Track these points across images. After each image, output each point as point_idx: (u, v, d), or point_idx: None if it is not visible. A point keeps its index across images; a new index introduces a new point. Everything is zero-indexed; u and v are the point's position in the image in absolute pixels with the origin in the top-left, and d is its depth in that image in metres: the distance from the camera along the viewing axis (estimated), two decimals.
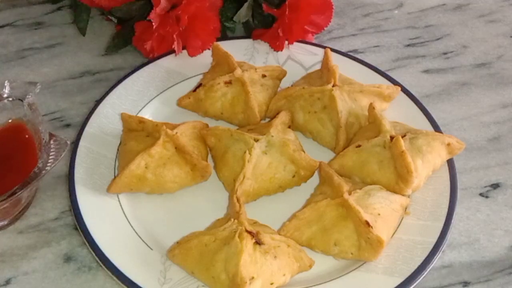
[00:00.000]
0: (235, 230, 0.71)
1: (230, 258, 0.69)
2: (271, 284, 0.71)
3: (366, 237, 0.73)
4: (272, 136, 0.82)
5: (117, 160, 0.85)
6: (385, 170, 0.80)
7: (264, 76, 0.92)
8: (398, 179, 0.78)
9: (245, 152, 0.80)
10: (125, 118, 0.85)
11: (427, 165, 0.80)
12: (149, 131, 0.83)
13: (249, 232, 0.70)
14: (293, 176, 0.82)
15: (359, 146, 0.81)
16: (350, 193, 0.75)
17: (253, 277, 0.68)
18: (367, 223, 0.72)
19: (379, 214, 0.74)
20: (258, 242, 0.70)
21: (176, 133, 0.82)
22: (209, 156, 0.87)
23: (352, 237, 0.74)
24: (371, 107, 0.85)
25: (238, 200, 0.76)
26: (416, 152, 0.79)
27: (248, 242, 0.69)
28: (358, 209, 0.73)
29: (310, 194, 0.82)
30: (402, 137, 0.79)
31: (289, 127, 0.87)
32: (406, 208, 0.79)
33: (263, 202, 0.82)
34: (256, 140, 0.81)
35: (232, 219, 0.73)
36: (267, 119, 0.91)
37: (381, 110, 0.88)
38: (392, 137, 0.79)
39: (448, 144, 0.82)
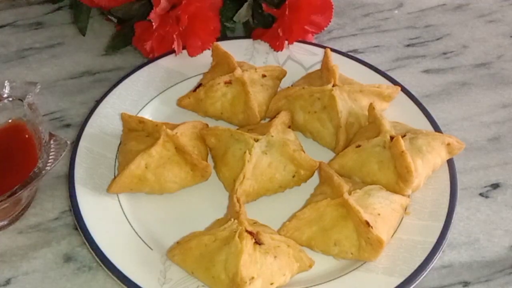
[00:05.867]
0: (235, 230, 0.71)
1: (230, 258, 0.69)
2: (271, 284, 0.71)
3: (366, 237, 0.73)
4: (272, 136, 0.81)
5: (117, 160, 0.85)
6: (385, 170, 0.80)
7: (264, 76, 0.92)
8: (398, 179, 0.78)
9: (245, 152, 0.80)
10: (125, 118, 0.85)
11: (427, 165, 0.80)
12: (149, 131, 0.83)
13: (249, 232, 0.70)
14: (293, 176, 0.82)
15: (359, 146, 0.81)
16: (350, 193, 0.75)
17: (253, 277, 0.68)
18: (367, 223, 0.72)
19: (379, 214, 0.74)
20: (258, 242, 0.70)
21: (176, 133, 0.82)
22: (209, 156, 0.87)
23: (352, 237, 0.74)
24: (371, 107, 0.85)
25: (238, 200, 0.76)
26: (416, 152, 0.79)
27: (248, 242, 0.69)
28: (358, 209, 0.73)
29: (310, 194, 0.82)
30: (402, 137, 0.79)
31: (289, 127, 0.87)
32: (406, 208, 0.79)
33: (263, 202, 0.82)
34: (256, 140, 0.81)
35: (232, 219, 0.73)
36: (267, 119, 0.91)
37: (381, 110, 0.88)
38: (392, 137, 0.79)
39: (448, 144, 0.82)
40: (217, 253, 0.70)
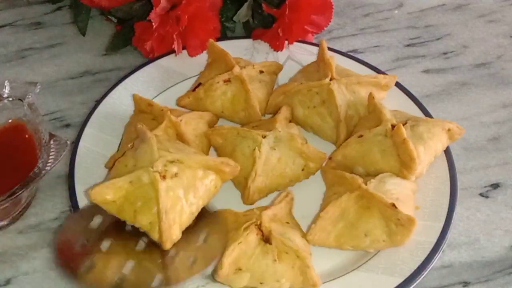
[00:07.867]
0: (252, 222, 0.71)
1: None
2: (261, 283, 0.70)
3: (396, 219, 0.72)
4: (279, 131, 0.81)
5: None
6: (388, 159, 0.80)
7: (261, 72, 0.92)
8: (401, 166, 0.78)
9: (254, 149, 0.79)
10: (136, 99, 0.87)
11: (429, 151, 0.80)
12: (155, 115, 0.85)
13: (258, 227, 0.71)
14: (302, 170, 0.82)
15: (361, 136, 0.81)
16: (365, 184, 0.75)
17: (240, 269, 0.69)
18: (394, 205, 0.72)
19: (397, 199, 0.74)
20: (266, 241, 0.71)
21: (181, 120, 0.82)
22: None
23: (381, 224, 0.74)
24: (370, 97, 0.85)
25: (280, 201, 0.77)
26: (417, 139, 0.80)
27: (252, 235, 0.70)
28: (380, 195, 0.73)
29: (317, 187, 0.82)
30: (403, 125, 0.79)
31: (289, 121, 0.87)
32: (414, 193, 0.79)
33: (269, 198, 0.82)
34: (264, 137, 0.80)
35: (258, 212, 0.73)
36: (267, 115, 0.91)
37: (379, 99, 0.88)
38: (393, 126, 0.79)
39: (449, 130, 0.83)
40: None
